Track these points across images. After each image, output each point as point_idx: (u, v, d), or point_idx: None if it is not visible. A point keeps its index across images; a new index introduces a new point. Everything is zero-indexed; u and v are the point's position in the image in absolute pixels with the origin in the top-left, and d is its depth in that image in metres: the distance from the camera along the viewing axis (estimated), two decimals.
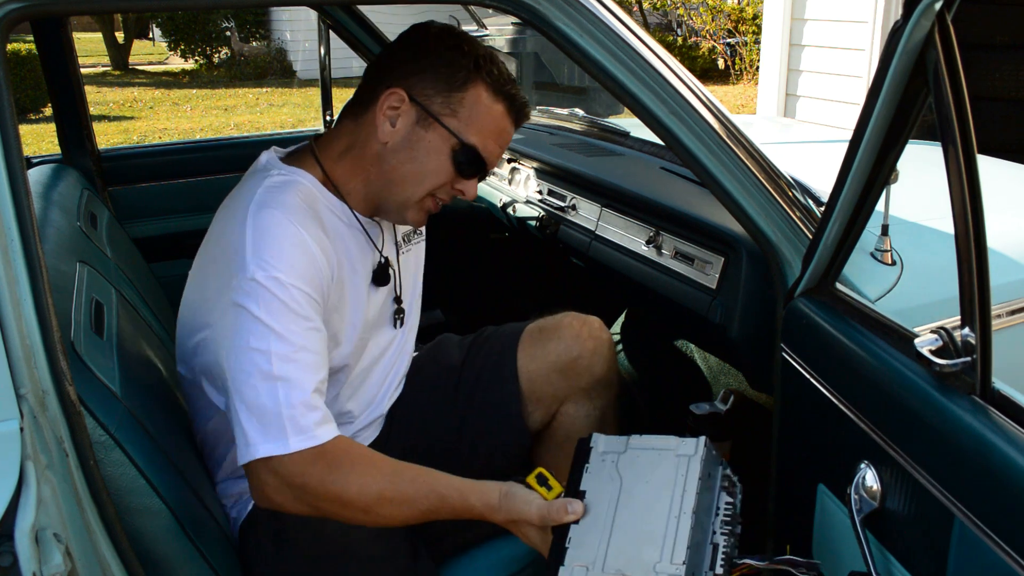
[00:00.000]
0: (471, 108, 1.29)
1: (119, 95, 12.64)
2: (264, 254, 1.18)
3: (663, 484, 1.20)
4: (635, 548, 1.14)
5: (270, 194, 1.25)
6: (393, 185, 1.33)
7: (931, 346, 0.95)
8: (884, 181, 1.16)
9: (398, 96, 1.28)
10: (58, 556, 0.94)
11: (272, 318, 1.16)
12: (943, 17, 0.94)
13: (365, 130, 1.32)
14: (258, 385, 1.15)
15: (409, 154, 1.30)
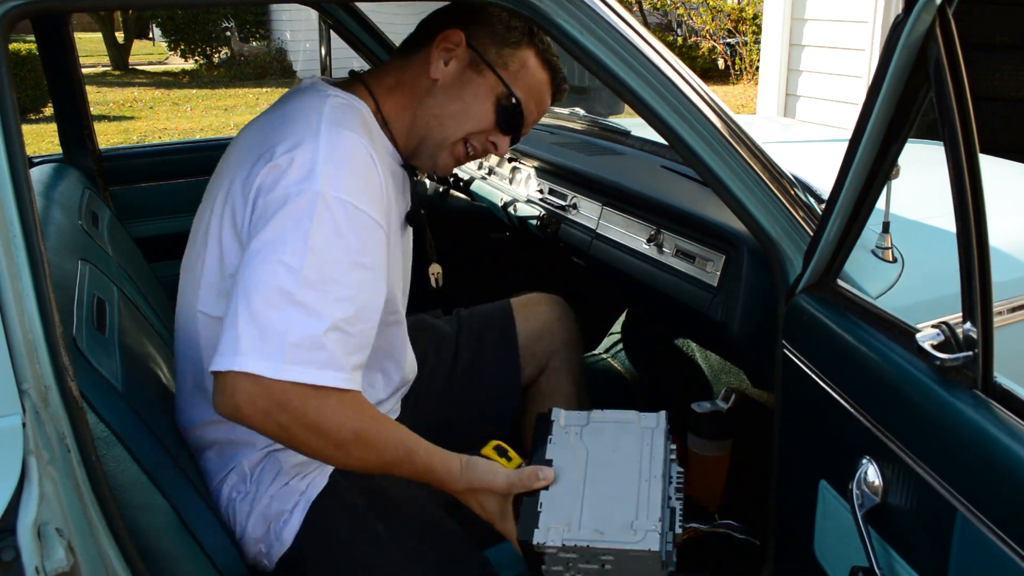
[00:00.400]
0: (520, 67, 1.34)
1: (119, 95, 12.64)
2: (338, 173, 1.11)
3: (630, 452, 1.28)
4: (609, 509, 1.19)
5: (342, 113, 1.21)
6: (435, 122, 1.34)
7: (933, 340, 0.95)
8: (885, 177, 1.16)
9: (457, 37, 1.31)
10: (60, 551, 0.94)
11: (325, 241, 1.08)
12: (944, 12, 0.94)
13: (416, 67, 1.34)
14: (276, 300, 1.05)
15: (457, 93, 1.32)
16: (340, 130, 1.17)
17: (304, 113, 1.20)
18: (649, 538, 1.15)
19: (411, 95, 1.34)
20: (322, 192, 1.09)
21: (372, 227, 1.15)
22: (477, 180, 2.65)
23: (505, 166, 2.50)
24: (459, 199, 2.66)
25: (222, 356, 1.06)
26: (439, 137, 1.35)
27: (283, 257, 1.07)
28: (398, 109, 1.34)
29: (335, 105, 1.23)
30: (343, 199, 1.11)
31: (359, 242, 1.12)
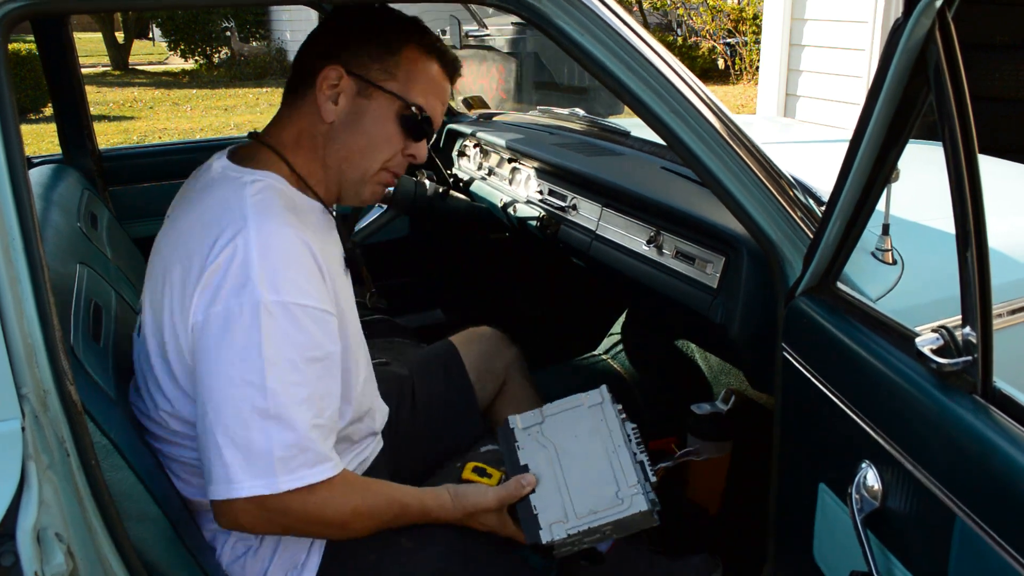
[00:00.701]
0: (408, 69, 1.28)
1: (119, 95, 12.63)
2: (274, 274, 1.09)
3: (590, 433, 1.41)
4: (594, 489, 1.33)
5: (264, 203, 1.16)
6: (346, 163, 1.28)
7: (932, 345, 0.95)
8: (885, 180, 1.16)
9: (336, 72, 1.25)
10: (60, 556, 0.94)
11: (279, 348, 1.08)
12: (944, 15, 0.94)
13: (308, 115, 1.28)
14: (250, 421, 1.08)
15: (357, 127, 1.27)
16: (267, 225, 1.12)
17: (226, 210, 1.15)
18: (635, 501, 1.30)
19: (314, 144, 1.28)
20: (262, 300, 1.08)
21: (319, 317, 1.14)
22: (477, 181, 2.65)
23: (505, 167, 2.50)
24: (459, 200, 2.65)
25: (217, 485, 1.10)
26: (356, 175, 1.30)
27: (244, 375, 1.07)
28: (308, 163, 1.29)
29: (254, 194, 1.17)
30: (284, 302, 1.09)
31: (309, 338, 1.12)
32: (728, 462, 2.05)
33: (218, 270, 1.10)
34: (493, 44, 7.28)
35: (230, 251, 1.10)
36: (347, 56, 1.27)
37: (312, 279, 1.15)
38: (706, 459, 1.67)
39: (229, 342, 1.08)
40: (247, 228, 1.11)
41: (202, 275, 1.11)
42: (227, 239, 1.11)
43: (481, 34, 7.49)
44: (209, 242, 1.12)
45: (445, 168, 2.79)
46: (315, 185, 1.30)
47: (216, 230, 1.13)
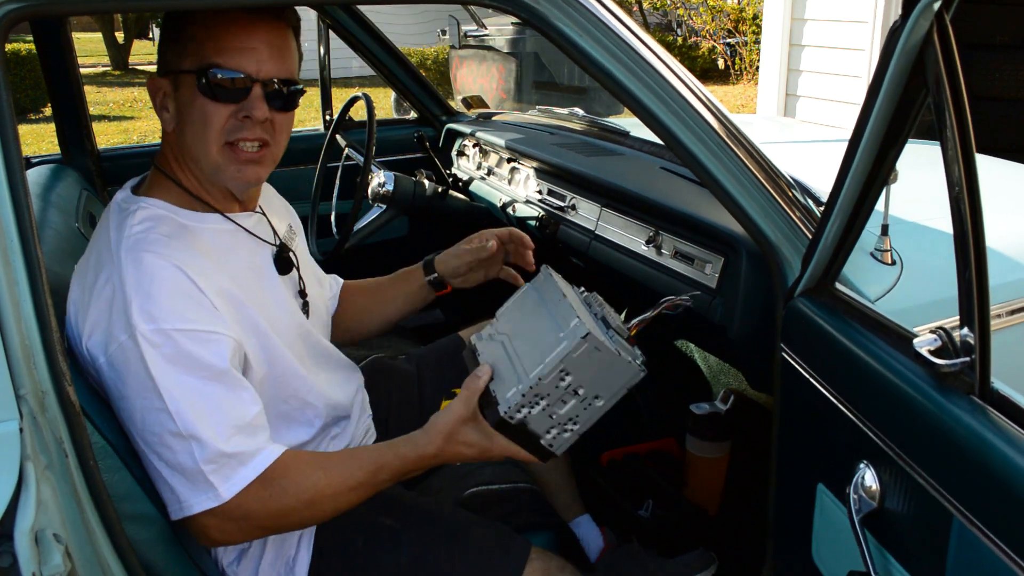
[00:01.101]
0: (197, 39, 1.20)
1: (119, 95, 12.64)
2: (148, 305, 1.11)
3: (535, 307, 1.35)
4: (539, 347, 1.22)
5: (139, 235, 1.18)
6: (196, 160, 1.25)
7: (930, 346, 0.95)
8: (883, 181, 1.16)
9: (155, 83, 1.25)
10: (58, 556, 0.94)
11: (172, 372, 1.11)
12: (942, 17, 0.94)
13: (166, 135, 1.28)
14: (172, 444, 1.11)
15: (187, 122, 1.23)
16: (137, 258, 1.14)
17: (106, 247, 1.19)
18: (576, 329, 1.18)
19: (178, 156, 1.27)
20: (140, 331, 1.10)
21: (204, 338, 1.14)
22: (476, 180, 2.65)
23: (504, 167, 2.50)
24: (458, 199, 2.66)
25: (171, 507, 1.14)
26: (209, 166, 1.25)
27: (150, 404, 1.10)
28: (183, 172, 1.28)
29: (135, 225, 1.19)
30: (162, 329, 1.11)
31: (195, 360, 1.13)
32: (727, 462, 2.05)
33: (102, 310, 1.13)
34: (493, 44, 7.28)
35: (109, 290, 1.14)
36: (161, 61, 1.26)
37: (189, 302, 1.15)
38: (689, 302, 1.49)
39: (128, 376, 1.11)
40: (120, 264, 1.14)
41: (90, 316, 1.15)
42: (105, 278, 1.15)
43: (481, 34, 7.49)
44: (92, 280, 1.17)
45: (444, 168, 2.79)
46: (203, 195, 1.28)
47: (97, 269, 1.17)
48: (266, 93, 1.22)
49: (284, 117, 1.26)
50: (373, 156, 2.39)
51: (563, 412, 1.22)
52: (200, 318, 1.15)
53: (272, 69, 1.22)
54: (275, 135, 1.25)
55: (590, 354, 1.18)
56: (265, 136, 1.24)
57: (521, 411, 1.21)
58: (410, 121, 3.05)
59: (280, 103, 1.24)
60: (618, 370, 1.22)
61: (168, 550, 1.16)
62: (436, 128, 2.95)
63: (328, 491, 1.19)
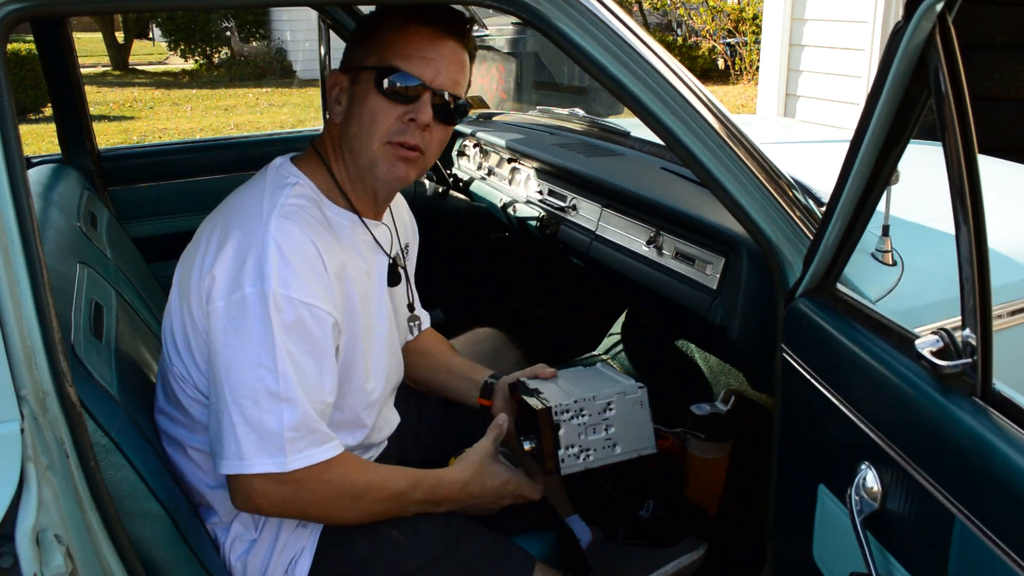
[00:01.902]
0: (385, 39, 1.29)
1: (119, 95, 12.63)
2: (286, 272, 1.18)
3: (590, 372, 1.59)
4: (593, 384, 1.50)
5: (292, 207, 1.25)
6: (354, 154, 1.32)
7: (932, 347, 0.95)
8: (885, 182, 1.16)
9: (334, 77, 1.33)
10: (59, 557, 0.94)
11: (287, 337, 1.17)
12: (944, 19, 0.94)
13: (331, 125, 1.37)
14: (262, 402, 1.16)
15: (355, 116, 1.31)
16: (285, 226, 1.22)
17: (260, 204, 1.26)
18: (635, 382, 1.47)
19: (338, 150, 1.35)
20: (273, 292, 1.17)
21: (322, 317, 1.22)
22: (477, 181, 2.65)
23: (505, 167, 2.50)
24: (459, 199, 2.66)
25: (229, 460, 1.18)
26: (364, 161, 1.32)
27: (259, 359, 1.17)
28: (341, 170, 1.36)
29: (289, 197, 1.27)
30: (291, 297, 1.18)
31: (310, 334, 1.21)
32: (727, 462, 2.05)
33: (236, 259, 1.20)
34: (493, 44, 7.27)
35: (248, 243, 1.20)
36: (346, 58, 1.34)
37: (320, 280, 1.22)
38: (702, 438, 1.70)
39: (246, 328, 1.17)
40: (268, 225, 1.21)
41: (223, 259, 1.21)
42: (248, 231, 1.22)
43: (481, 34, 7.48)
44: (235, 228, 1.23)
45: (445, 168, 2.79)
46: (350, 191, 1.36)
47: (244, 220, 1.24)
48: (434, 103, 1.29)
49: (443, 130, 1.34)
50: None
51: (590, 439, 1.45)
52: (323, 297, 1.22)
53: (445, 82, 1.30)
54: (430, 144, 1.33)
55: (634, 404, 1.46)
56: (421, 144, 1.31)
57: (565, 414, 1.44)
58: None
59: (445, 115, 1.32)
60: (643, 434, 1.47)
61: (172, 547, 1.16)
62: None
63: (373, 492, 1.28)
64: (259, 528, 1.34)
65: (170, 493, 1.18)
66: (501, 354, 1.88)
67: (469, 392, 1.69)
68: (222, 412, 1.18)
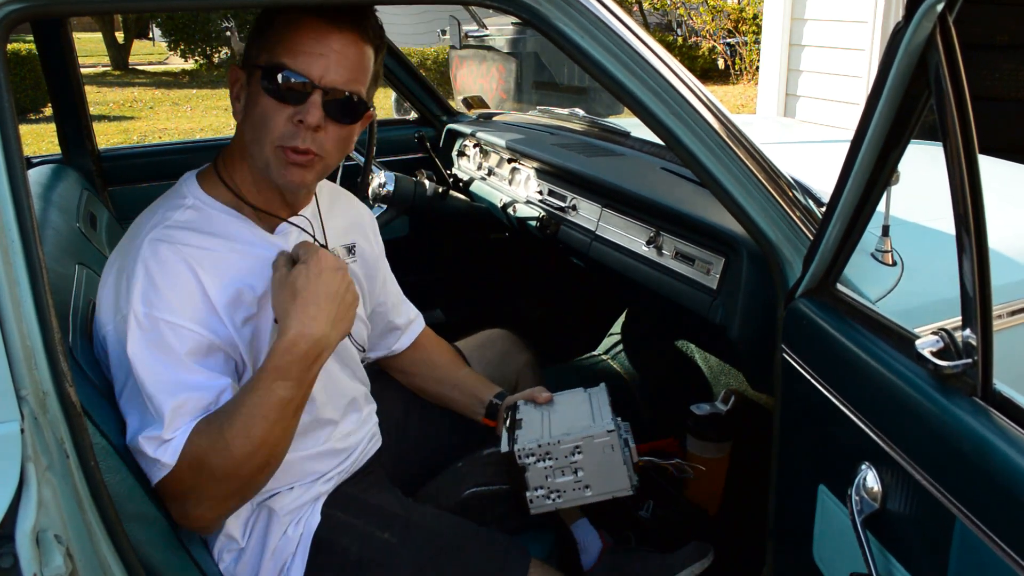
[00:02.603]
0: (279, 34, 1.21)
1: (119, 95, 12.64)
2: (150, 291, 1.17)
3: (579, 401, 1.58)
4: (571, 421, 1.49)
5: (168, 225, 1.23)
6: (250, 156, 1.26)
7: (932, 347, 0.95)
8: (885, 182, 1.16)
9: (234, 72, 1.27)
10: (59, 557, 0.94)
11: (146, 355, 1.15)
12: (945, 19, 0.94)
13: (237, 127, 1.30)
14: (129, 414, 1.17)
15: (248, 117, 1.24)
16: (157, 247, 1.20)
17: (146, 223, 1.25)
18: (606, 425, 1.44)
19: (239, 150, 1.29)
20: (134, 311, 1.16)
21: (186, 336, 1.18)
22: (477, 181, 2.65)
23: (505, 167, 2.50)
24: (458, 200, 2.66)
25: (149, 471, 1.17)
26: (259, 163, 1.25)
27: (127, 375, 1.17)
28: (240, 171, 1.29)
29: (175, 216, 1.25)
30: (153, 316, 1.16)
31: (170, 349, 1.17)
32: (727, 463, 2.05)
33: (119, 282, 1.20)
34: (493, 44, 7.27)
35: (128, 265, 1.20)
36: (244, 55, 1.28)
37: (190, 303, 1.19)
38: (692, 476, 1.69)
39: (119, 347, 1.17)
40: (141, 248, 1.20)
41: (107, 285, 1.23)
42: (127, 254, 1.22)
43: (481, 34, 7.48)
44: (122, 254, 1.24)
45: (445, 168, 2.79)
46: (255, 195, 1.30)
47: (127, 244, 1.25)
48: (324, 101, 1.20)
49: (340, 129, 1.24)
50: (374, 156, 2.39)
51: (557, 481, 1.45)
52: (194, 318, 1.19)
53: (336, 78, 1.20)
54: (326, 146, 1.23)
55: (604, 448, 1.43)
56: (313, 148, 1.22)
57: (530, 458, 1.45)
58: (411, 121, 3.05)
59: (339, 114, 1.22)
60: (616, 475, 1.45)
61: (169, 550, 1.15)
62: (436, 128, 2.95)
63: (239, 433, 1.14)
64: (245, 537, 1.33)
65: None
66: (511, 356, 1.85)
67: (475, 410, 1.67)
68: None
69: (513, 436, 1.48)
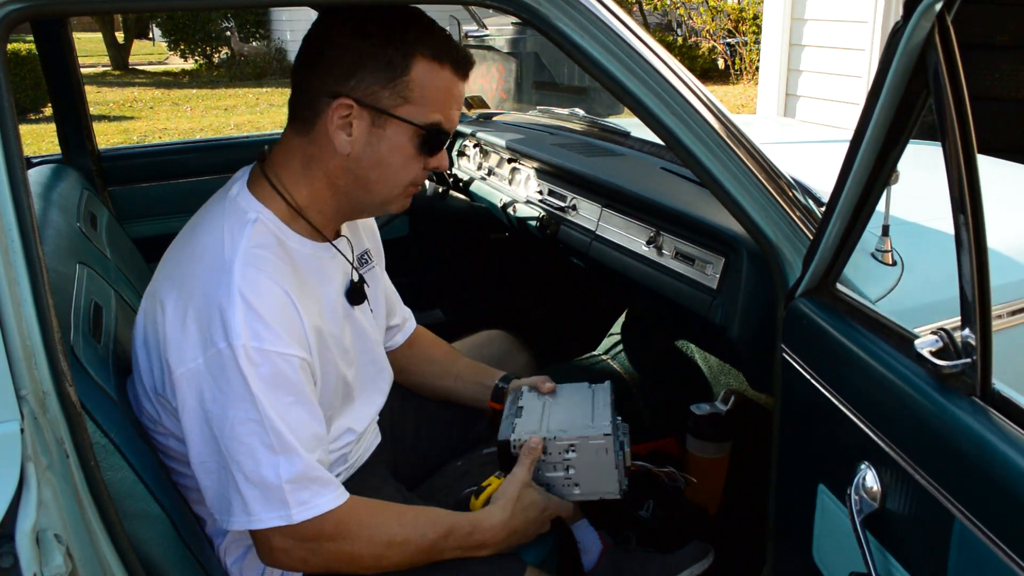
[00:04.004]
0: (421, 87, 1.21)
1: (119, 95, 12.64)
2: (256, 324, 1.13)
3: (581, 400, 1.57)
4: (567, 419, 1.49)
5: (254, 250, 1.18)
6: (368, 192, 1.27)
7: (931, 347, 0.95)
8: (885, 182, 1.16)
9: (345, 105, 1.20)
10: (59, 557, 0.94)
11: (269, 391, 1.13)
12: (943, 18, 0.94)
13: (319, 145, 1.24)
14: (259, 456, 1.13)
15: (375, 158, 1.23)
16: (253, 274, 1.15)
17: (220, 251, 1.18)
18: (603, 427, 1.44)
19: (325, 176, 1.26)
20: (243, 345, 1.12)
21: (296, 363, 1.17)
22: (477, 181, 2.65)
23: (505, 167, 2.50)
24: (458, 200, 2.66)
25: (236, 516, 1.15)
26: (378, 200, 1.29)
27: (246, 415, 1.12)
28: (315, 192, 1.27)
29: (251, 238, 1.19)
30: (265, 350, 1.13)
31: (290, 382, 1.16)
32: (727, 462, 2.05)
33: (205, 316, 1.14)
34: (493, 44, 7.27)
35: (216, 292, 1.14)
36: (354, 83, 1.20)
37: (291, 327, 1.18)
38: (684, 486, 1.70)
39: (227, 384, 1.12)
40: (233, 275, 1.14)
41: (190, 318, 1.15)
42: (216, 284, 1.15)
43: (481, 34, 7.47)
44: (203, 281, 1.16)
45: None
46: (315, 215, 1.28)
47: (210, 271, 1.16)
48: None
49: None
50: None
51: (546, 475, 1.45)
52: (296, 343, 1.18)
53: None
54: None
55: (598, 450, 1.42)
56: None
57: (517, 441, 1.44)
58: None
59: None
60: (606, 477, 1.44)
61: (171, 548, 1.16)
62: None
63: (396, 547, 1.24)
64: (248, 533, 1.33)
65: (169, 494, 1.18)
66: (510, 357, 1.86)
67: (479, 396, 1.68)
68: (221, 471, 1.15)
69: (512, 424, 1.48)
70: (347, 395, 1.38)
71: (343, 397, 1.37)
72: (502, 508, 1.33)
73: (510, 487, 1.36)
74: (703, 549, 1.71)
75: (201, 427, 1.15)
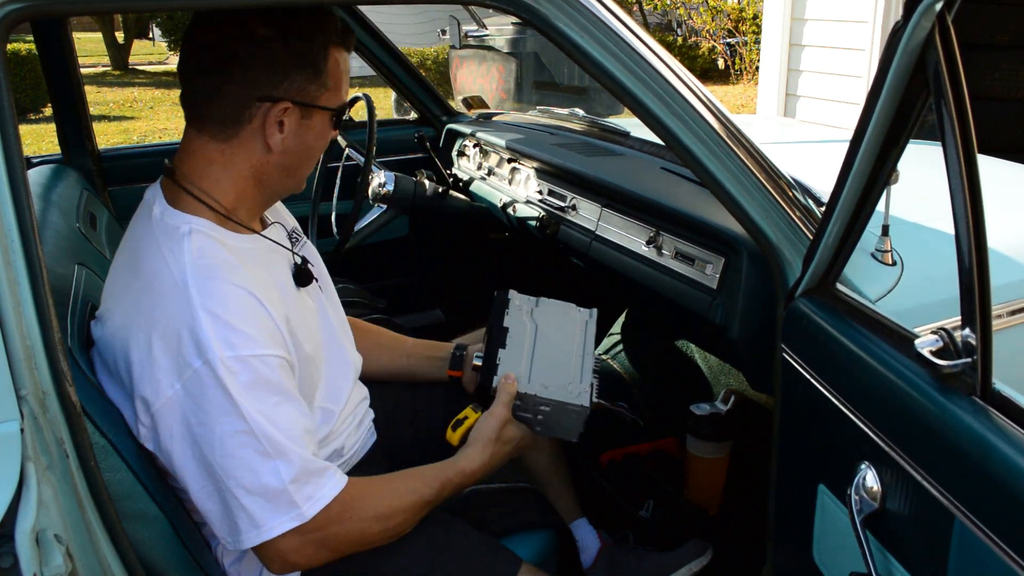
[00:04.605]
0: (335, 74, 1.26)
1: (119, 95, 12.64)
2: (225, 332, 1.11)
3: (570, 332, 1.57)
4: (553, 372, 1.49)
5: (202, 262, 1.15)
6: (293, 178, 1.30)
7: (931, 347, 0.95)
8: (885, 182, 1.16)
9: (280, 107, 1.20)
10: (59, 557, 0.94)
11: (252, 397, 1.12)
12: (943, 18, 0.94)
13: (244, 148, 1.23)
14: (256, 466, 1.12)
15: (303, 148, 1.27)
16: (209, 284, 1.13)
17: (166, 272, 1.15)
18: (582, 397, 1.46)
19: (252, 175, 1.25)
20: (219, 358, 1.10)
21: (274, 362, 1.16)
22: (476, 181, 2.65)
23: (504, 167, 2.50)
24: (458, 199, 2.66)
25: (246, 534, 1.15)
26: (299, 181, 1.32)
27: (233, 429, 1.11)
28: (240, 194, 1.26)
29: (193, 252, 1.16)
30: (240, 356, 1.12)
31: (273, 383, 1.16)
32: (727, 462, 2.05)
33: (173, 341, 1.11)
34: (493, 44, 7.27)
35: (178, 316, 1.11)
36: (288, 86, 1.21)
37: (262, 324, 1.16)
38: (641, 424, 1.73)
39: (206, 402, 1.11)
40: (189, 291, 1.12)
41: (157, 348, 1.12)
42: (174, 305, 1.12)
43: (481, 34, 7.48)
44: (161, 308, 1.13)
45: (445, 168, 2.79)
46: (243, 214, 1.27)
47: (164, 297, 1.13)
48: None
49: None
50: (373, 156, 2.39)
51: (516, 414, 1.46)
52: (270, 341, 1.16)
53: None
54: None
55: (570, 413, 1.46)
56: None
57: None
58: (410, 121, 3.05)
59: None
60: (570, 428, 1.48)
61: (170, 549, 1.16)
62: (436, 128, 2.95)
63: (399, 514, 1.28)
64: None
65: (168, 495, 1.18)
66: None
67: (435, 368, 1.69)
68: (221, 491, 1.13)
69: (495, 363, 1.48)
70: (315, 372, 1.36)
71: (312, 376, 1.35)
72: (481, 451, 1.38)
73: (488, 427, 1.40)
74: (701, 547, 1.71)
75: (193, 452, 1.13)
